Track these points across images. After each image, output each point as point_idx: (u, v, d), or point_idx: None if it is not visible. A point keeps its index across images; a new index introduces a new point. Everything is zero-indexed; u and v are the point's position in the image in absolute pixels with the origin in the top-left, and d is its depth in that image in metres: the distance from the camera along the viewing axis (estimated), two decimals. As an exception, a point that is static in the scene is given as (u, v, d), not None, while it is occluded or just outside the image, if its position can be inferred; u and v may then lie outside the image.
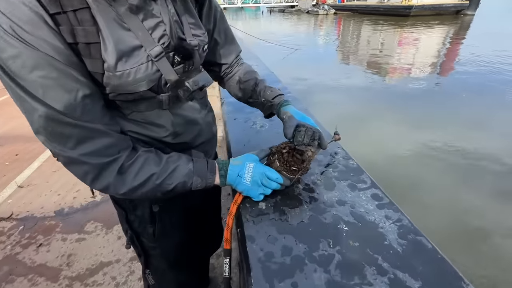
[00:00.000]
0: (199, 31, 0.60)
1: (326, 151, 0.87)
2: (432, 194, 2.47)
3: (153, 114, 0.58)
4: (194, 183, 0.59)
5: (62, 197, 2.18)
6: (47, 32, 0.40)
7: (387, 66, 6.93)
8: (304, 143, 0.64)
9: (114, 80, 0.47)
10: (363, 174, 0.75)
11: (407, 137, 3.42)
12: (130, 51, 0.47)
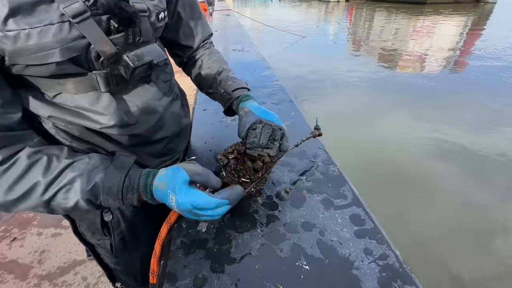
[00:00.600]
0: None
1: (304, 153, 0.70)
2: (442, 192, 2.27)
3: (89, 98, 0.45)
4: (104, 202, 0.44)
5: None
6: None
7: (400, 57, 6.55)
8: (259, 145, 0.48)
9: (7, 43, 0.34)
10: (345, 185, 0.58)
11: (416, 132, 3.19)
12: (31, 4, 0.34)
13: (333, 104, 4.14)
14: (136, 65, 0.43)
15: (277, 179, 0.61)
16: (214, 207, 0.43)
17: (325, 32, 10.52)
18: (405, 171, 2.54)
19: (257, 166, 0.47)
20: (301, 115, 0.91)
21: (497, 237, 1.87)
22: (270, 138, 0.49)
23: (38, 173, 0.40)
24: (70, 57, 0.39)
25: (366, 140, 3.07)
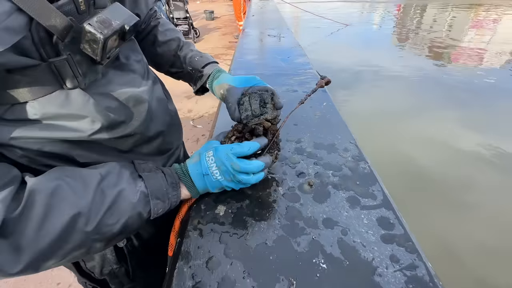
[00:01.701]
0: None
1: (333, 146, 0.65)
2: (485, 202, 2.05)
3: (55, 100, 0.34)
4: (154, 209, 0.39)
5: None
6: None
7: (453, 52, 5.89)
8: (254, 116, 0.48)
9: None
10: (375, 184, 0.54)
11: (464, 138, 2.88)
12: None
13: (370, 98, 3.90)
14: (106, 35, 0.32)
15: (301, 171, 0.58)
16: (248, 149, 0.44)
17: (369, 20, 9.81)
18: (442, 179, 2.33)
19: (257, 133, 0.48)
20: (333, 106, 0.85)
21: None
22: (260, 104, 0.49)
23: (72, 200, 0.32)
24: (11, 43, 0.27)
25: (403, 141, 2.86)
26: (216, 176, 0.43)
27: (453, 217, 1.94)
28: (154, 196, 0.39)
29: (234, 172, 0.43)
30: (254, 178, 0.45)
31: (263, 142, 0.47)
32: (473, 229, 1.85)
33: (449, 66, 5.13)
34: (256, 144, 0.45)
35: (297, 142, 0.67)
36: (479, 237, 1.80)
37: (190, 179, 0.44)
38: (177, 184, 0.43)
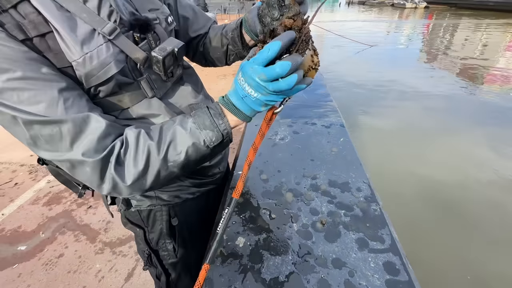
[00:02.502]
0: (154, 4, 0.58)
1: (347, 185, 0.70)
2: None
3: (143, 106, 0.53)
4: (207, 139, 0.47)
5: (116, 168, 2.46)
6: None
7: (485, 72, 5.66)
8: (274, 19, 0.45)
9: (81, 68, 0.44)
10: (385, 227, 0.57)
11: (494, 163, 2.73)
12: (85, 36, 0.44)
13: (394, 118, 3.83)
14: (163, 55, 0.50)
15: (315, 208, 0.63)
16: (268, 51, 0.38)
17: (396, 40, 9.71)
18: (465, 207, 2.21)
19: (278, 33, 0.42)
20: (350, 142, 0.90)
21: None
22: (279, 5, 0.45)
23: (146, 139, 0.46)
24: (120, 67, 0.47)
25: (427, 165, 2.76)
26: (253, 94, 0.42)
27: (488, 253, 1.83)
28: (203, 127, 0.46)
29: (264, 83, 0.39)
30: (285, 83, 0.38)
31: (288, 38, 0.38)
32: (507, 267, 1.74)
33: (481, 88, 4.93)
34: (276, 43, 0.37)
35: (313, 179, 0.73)
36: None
37: (233, 106, 0.46)
38: (221, 113, 0.47)
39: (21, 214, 1.99)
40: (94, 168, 0.43)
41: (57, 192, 2.19)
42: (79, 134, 0.42)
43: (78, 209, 2.01)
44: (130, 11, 0.51)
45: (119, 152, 0.44)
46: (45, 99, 0.40)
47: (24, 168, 2.51)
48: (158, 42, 0.53)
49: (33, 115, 0.39)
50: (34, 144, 0.42)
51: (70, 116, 0.41)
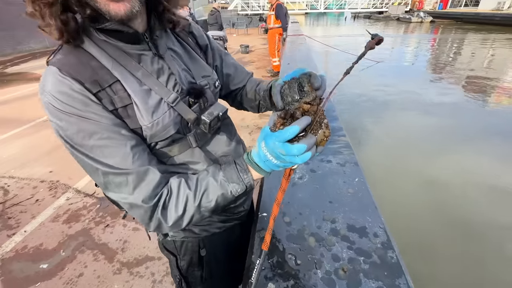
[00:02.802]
0: (206, 72, 0.69)
1: (364, 230, 0.76)
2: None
3: (187, 154, 0.64)
4: (233, 190, 0.56)
5: (131, 186, 2.55)
6: (95, 106, 0.50)
7: (494, 87, 5.69)
8: (294, 101, 0.50)
9: (149, 131, 0.55)
10: (401, 277, 0.63)
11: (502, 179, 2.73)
12: (155, 105, 0.56)
13: (402, 132, 3.87)
14: (210, 119, 0.61)
15: (336, 254, 0.69)
16: (289, 134, 0.45)
17: (402, 55, 9.81)
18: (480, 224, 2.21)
19: (297, 116, 0.48)
20: (365, 183, 0.96)
21: None
22: (299, 89, 0.50)
23: (185, 189, 0.55)
24: (177, 128, 0.59)
25: (438, 181, 2.78)
26: (273, 161, 0.49)
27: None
28: (230, 181, 0.56)
29: (283, 156, 0.47)
30: (300, 159, 0.46)
31: (304, 123, 0.46)
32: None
33: (489, 101, 4.95)
34: (295, 128, 0.45)
35: (332, 222, 0.79)
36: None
37: (256, 165, 0.55)
38: (246, 169, 0.55)
39: (42, 231, 2.07)
40: (146, 211, 0.54)
41: (75, 209, 2.28)
42: (140, 183, 0.53)
43: (96, 228, 2.08)
44: (189, 80, 0.63)
45: (165, 199, 0.55)
46: (120, 154, 0.51)
47: (44, 185, 2.62)
48: (207, 103, 0.65)
49: (110, 168, 0.51)
50: (105, 187, 0.54)
51: (135, 169, 0.52)
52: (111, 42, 0.53)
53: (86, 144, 0.50)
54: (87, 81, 0.50)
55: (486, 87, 5.72)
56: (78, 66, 0.50)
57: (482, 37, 12.93)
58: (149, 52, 0.57)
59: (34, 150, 3.25)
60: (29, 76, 7.03)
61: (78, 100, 0.49)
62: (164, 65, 0.59)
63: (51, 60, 0.51)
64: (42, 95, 0.49)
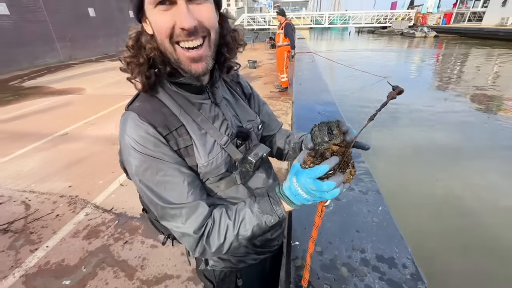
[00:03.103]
0: (251, 116, 0.77)
1: (393, 260, 0.81)
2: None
3: (232, 190, 0.71)
4: (267, 221, 0.61)
5: (147, 202, 2.61)
6: (164, 147, 0.58)
7: (501, 100, 5.72)
8: (323, 142, 0.54)
9: (204, 169, 0.63)
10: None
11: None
12: (210, 147, 0.64)
13: (410, 145, 3.89)
14: (256, 159, 0.67)
15: (369, 285, 0.74)
16: (319, 172, 0.50)
17: (406, 69, 9.93)
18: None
19: (327, 156, 0.53)
20: (389, 212, 1.01)
21: None
22: (328, 131, 0.54)
23: (226, 219, 0.61)
24: (227, 167, 0.66)
25: (451, 196, 2.78)
26: (304, 195, 0.54)
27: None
28: (265, 212, 0.60)
29: (313, 191, 0.52)
30: (329, 195, 0.51)
31: (334, 162, 0.51)
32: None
33: (498, 115, 4.97)
34: (326, 167, 0.50)
35: (362, 252, 0.84)
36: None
37: (287, 198, 0.60)
38: (278, 202, 0.60)
39: (63, 247, 2.13)
40: (195, 240, 0.60)
41: (95, 225, 2.35)
42: (191, 215, 0.60)
43: (115, 244, 2.14)
44: (237, 124, 0.71)
45: (209, 229, 0.61)
46: (178, 190, 0.59)
47: (64, 200, 2.70)
48: (251, 144, 0.72)
49: (168, 203, 0.58)
50: (161, 217, 0.61)
51: (189, 203, 0.60)
52: (180, 92, 0.63)
53: (152, 180, 0.58)
54: (160, 125, 0.58)
55: (493, 102, 5.75)
56: (153, 112, 0.59)
57: (486, 51, 13.04)
58: (208, 100, 0.66)
59: (53, 164, 3.36)
60: (45, 90, 7.30)
61: (151, 142, 0.57)
62: (219, 112, 0.68)
63: (131, 106, 0.61)
64: (122, 137, 0.58)
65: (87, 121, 4.78)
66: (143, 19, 0.56)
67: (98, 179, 3.00)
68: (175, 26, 0.52)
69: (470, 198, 2.86)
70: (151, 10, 0.52)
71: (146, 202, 0.61)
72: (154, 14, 0.52)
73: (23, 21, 10.48)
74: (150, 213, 0.80)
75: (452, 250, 2.25)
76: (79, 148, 3.79)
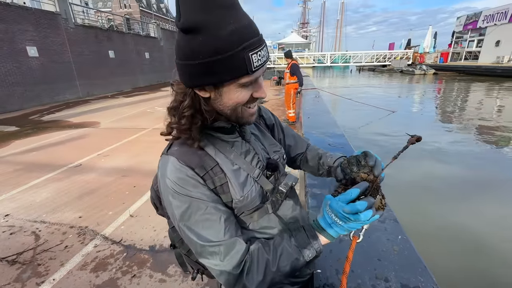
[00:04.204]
0: (277, 147, 0.80)
1: (416, 285, 0.79)
2: None
3: (264, 219, 0.71)
4: (305, 256, 0.61)
5: (157, 233, 2.58)
6: (202, 187, 0.61)
7: (508, 133, 5.71)
8: (353, 171, 0.60)
9: (239, 203, 0.65)
10: None
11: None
12: (244, 182, 0.66)
13: (419, 178, 3.82)
14: (286, 189, 0.69)
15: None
16: (351, 195, 0.54)
17: (409, 104, 10.17)
18: None
19: (358, 180, 0.60)
20: (408, 240, 1.00)
21: None
22: (357, 163, 0.61)
23: (263, 255, 0.61)
24: (261, 199, 0.68)
25: (463, 230, 2.66)
26: (338, 222, 0.56)
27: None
28: (302, 247, 0.61)
29: (347, 215, 0.54)
30: (363, 216, 0.53)
31: (363, 186, 0.56)
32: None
33: (505, 148, 4.91)
34: (356, 190, 0.55)
35: (386, 281, 0.83)
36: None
37: (323, 230, 0.60)
38: (314, 235, 0.61)
39: (70, 280, 2.08)
40: (234, 277, 0.60)
41: (103, 257, 2.30)
42: (229, 252, 0.60)
43: (123, 278, 2.07)
44: (266, 156, 0.74)
45: (248, 266, 0.60)
46: (215, 227, 0.60)
47: (74, 230, 2.69)
48: (279, 174, 0.74)
49: (206, 241, 0.59)
50: (200, 255, 0.61)
51: (226, 241, 0.60)
52: (214, 135, 0.67)
53: (191, 219, 0.59)
54: (197, 166, 0.61)
55: (497, 135, 5.76)
56: (190, 155, 0.62)
57: (486, 86, 13.38)
58: (239, 138, 0.70)
59: (65, 195, 3.41)
60: (62, 123, 7.67)
61: (190, 184, 0.60)
62: (250, 147, 0.71)
63: (170, 151, 0.64)
64: (163, 179, 0.61)
65: (100, 153, 4.94)
66: (206, 88, 0.57)
67: (108, 210, 3.01)
68: (250, 95, 0.59)
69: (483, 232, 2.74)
70: (232, 88, 0.56)
71: (185, 240, 0.63)
72: (236, 90, 0.56)
73: (50, 61, 11.45)
74: (180, 248, 0.82)
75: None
76: (91, 179, 3.87)
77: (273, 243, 0.65)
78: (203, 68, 0.52)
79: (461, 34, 28.24)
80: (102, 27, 15.02)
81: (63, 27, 11.89)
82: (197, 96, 0.59)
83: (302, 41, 42.61)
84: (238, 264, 0.60)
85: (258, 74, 0.56)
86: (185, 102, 0.59)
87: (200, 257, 0.61)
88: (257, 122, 0.83)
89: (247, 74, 0.53)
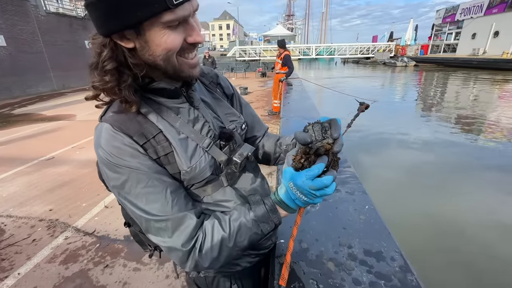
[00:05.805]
0: (234, 116, 0.74)
1: (381, 254, 0.77)
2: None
3: (219, 193, 0.67)
4: (264, 229, 0.59)
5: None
6: (142, 157, 0.54)
7: (483, 122, 5.97)
8: (317, 140, 0.55)
9: (187, 175, 0.59)
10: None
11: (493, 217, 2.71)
12: (192, 152, 0.60)
13: (400, 169, 3.92)
14: (241, 160, 0.64)
15: (357, 278, 0.70)
16: (318, 171, 0.51)
17: (391, 94, 10.41)
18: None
19: (323, 154, 0.55)
20: (375, 210, 0.99)
21: None
22: (322, 131, 0.56)
23: (219, 231, 0.57)
24: (212, 170, 0.62)
25: (439, 219, 2.75)
26: (303, 198, 0.54)
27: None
28: (261, 221, 0.59)
29: (314, 191, 0.52)
30: (330, 190, 0.52)
31: (326, 161, 0.54)
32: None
33: (481, 136, 5.14)
34: (322, 165, 0.53)
35: (349, 247, 0.81)
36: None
37: (284, 204, 0.58)
38: (275, 210, 0.59)
39: (37, 273, 1.96)
40: (184, 254, 0.56)
41: (74, 249, 2.19)
42: (178, 228, 0.56)
43: (94, 268, 1.99)
44: (219, 125, 0.68)
45: (201, 242, 0.57)
46: (160, 201, 0.55)
47: (43, 224, 2.55)
48: (235, 145, 0.69)
49: (151, 215, 0.55)
50: (146, 231, 0.57)
51: (174, 215, 0.56)
52: (154, 98, 0.60)
53: (132, 193, 0.54)
54: (135, 134, 0.54)
55: (474, 123, 6.02)
56: (128, 121, 0.55)
57: (463, 77, 13.92)
58: (185, 104, 0.63)
59: (35, 189, 3.22)
60: (34, 117, 7.26)
61: (127, 153, 0.53)
62: (199, 114, 0.64)
63: (104, 117, 0.57)
64: (97, 149, 0.54)
65: (75, 145, 4.71)
66: (127, 35, 0.49)
67: (82, 202, 2.87)
68: (184, 41, 0.52)
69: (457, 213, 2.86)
70: (156, 30, 0.48)
71: (131, 215, 0.57)
72: (162, 33, 0.48)
73: (18, 51, 10.73)
74: (134, 226, 0.76)
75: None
76: (64, 171, 3.68)
77: (230, 217, 0.61)
78: (107, 7, 0.45)
79: (440, 27, 29.11)
80: (77, 15, 14.21)
81: (32, 14, 11.15)
82: (119, 47, 0.50)
83: (287, 34, 42.32)
84: (188, 240, 0.56)
85: (186, 12, 0.48)
86: (104, 53, 0.50)
87: (147, 233, 0.57)
88: (212, 89, 0.76)
89: (169, 9, 0.45)
